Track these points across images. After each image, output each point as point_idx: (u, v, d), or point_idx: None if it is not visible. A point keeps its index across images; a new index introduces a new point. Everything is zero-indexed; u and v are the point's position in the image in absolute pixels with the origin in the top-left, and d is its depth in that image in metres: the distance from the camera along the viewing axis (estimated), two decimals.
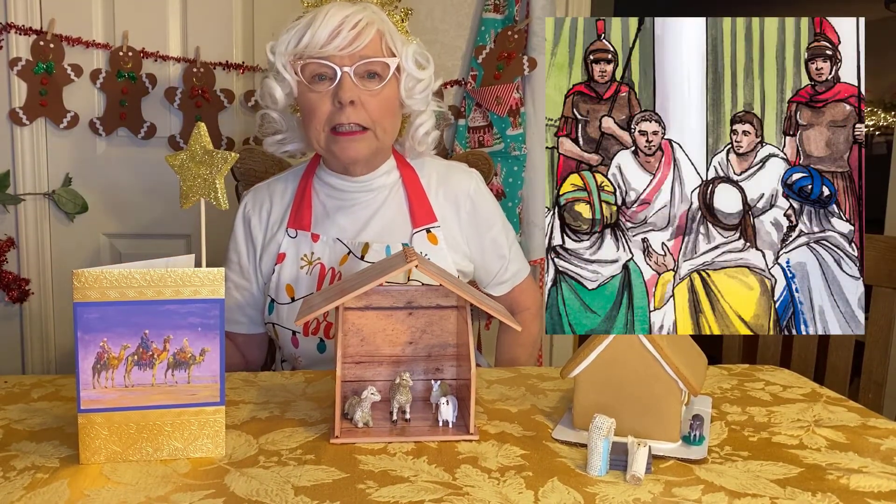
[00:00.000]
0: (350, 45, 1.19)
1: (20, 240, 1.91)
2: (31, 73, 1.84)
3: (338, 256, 1.28)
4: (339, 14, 1.20)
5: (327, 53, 1.20)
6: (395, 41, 1.25)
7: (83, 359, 0.79)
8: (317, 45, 1.20)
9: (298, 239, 1.30)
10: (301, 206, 1.32)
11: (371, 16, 1.22)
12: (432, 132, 1.35)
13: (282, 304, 1.28)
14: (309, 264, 1.28)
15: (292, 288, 1.28)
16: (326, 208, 1.33)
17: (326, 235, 1.30)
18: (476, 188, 1.37)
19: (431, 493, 0.74)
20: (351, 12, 1.20)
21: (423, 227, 1.30)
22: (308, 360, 1.29)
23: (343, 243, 1.29)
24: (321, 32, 1.19)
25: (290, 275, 1.29)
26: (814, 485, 0.78)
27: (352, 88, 1.20)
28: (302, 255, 1.29)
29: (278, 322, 1.29)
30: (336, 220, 1.31)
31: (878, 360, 1.39)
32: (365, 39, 1.20)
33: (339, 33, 1.19)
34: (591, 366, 0.90)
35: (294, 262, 1.29)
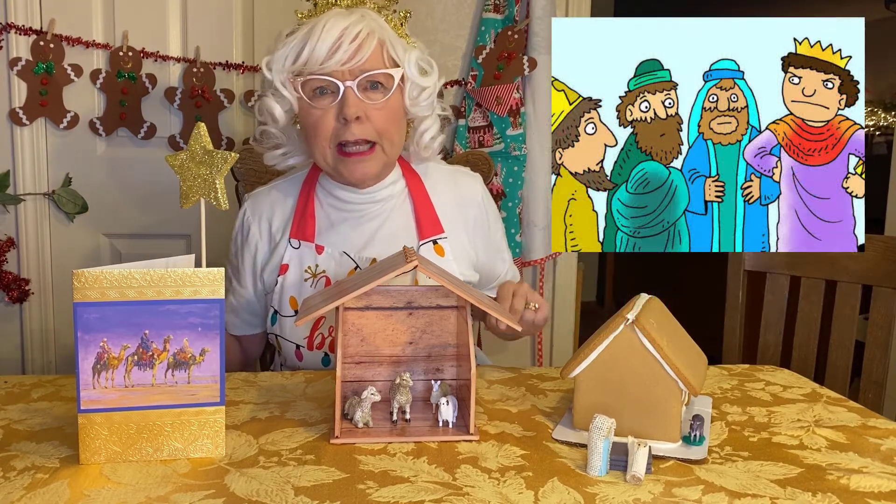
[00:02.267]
0: (352, 58, 1.16)
1: (20, 240, 1.91)
2: (31, 73, 1.84)
3: (345, 270, 1.26)
4: (337, 26, 1.15)
5: (329, 69, 1.16)
6: (397, 49, 1.21)
7: (83, 359, 0.79)
8: (317, 60, 1.16)
9: (301, 250, 1.27)
10: (304, 216, 1.28)
11: (371, 24, 1.18)
12: (438, 137, 1.32)
13: (285, 317, 1.26)
14: (314, 276, 1.26)
15: (296, 301, 1.26)
16: (331, 219, 1.30)
17: (332, 248, 1.27)
18: (484, 193, 1.38)
19: (431, 494, 0.74)
20: (349, 23, 1.16)
21: (429, 239, 1.28)
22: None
23: (350, 257, 1.26)
24: (321, 47, 1.15)
25: (294, 287, 1.26)
26: (814, 485, 0.78)
27: (356, 104, 1.17)
28: (306, 266, 1.26)
29: (282, 334, 1.27)
30: (341, 231, 1.28)
31: (878, 360, 1.39)
32: (367, 52, 1.16)
33: (339, 47, 1.15)
34: (591, 366, 0.90)
35: (298, 274, 1.26)
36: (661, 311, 0.96)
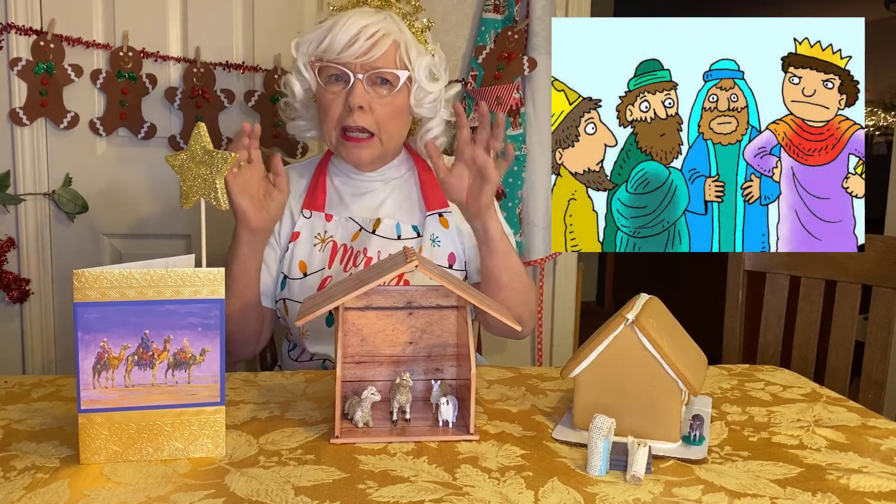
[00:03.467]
0: (365, 54, 1.25)
1: (20, 240, 1.91)
2: (32, 73, 1.84)
3: (350, 233, 1.34)
4: (358, 23, 1.25)
5: (343, 60, 1.26)
6: (410, 53, 1.30)
7: (83, 359, 0.79)
8: (335, 50, 1.25)
9: (312, 219, 1.36)
10: (316, 189, 1.38)
11: (389, 27, 1.28)
12: (441, 138, 1.41)
13: (294, 280, 1.33)
14: (322, 242, 1.34)
15: (305, 264, 1.33)
16: (340, 193, 1.39)
17: (339, 215, 1.36)
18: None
19: (431, 493, 0.74)
20: (370, 22, 1.26)
21: (435, 212, 1.36)
22: (315, 334, 1.32)
23: (355, 221, 1.35)
24: (339, 38, 1.25)
25: (304, 252, 1.34)
26: (814, 485, 0.78)
27: (362, 95, 1.26)
28: (315, 233, 1.35)
29: (290, 297, 1.33)
30: (349, 204, 1.38)
31: (878, 360, 1.39)
32: (380, 50, 1.26)
33: (355, 41, 1.24)
34: (591, 366, 0.90)
35: (308, 241, 1.34)
36: (661, 311, 0.96)
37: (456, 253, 1.36)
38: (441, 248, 1.34)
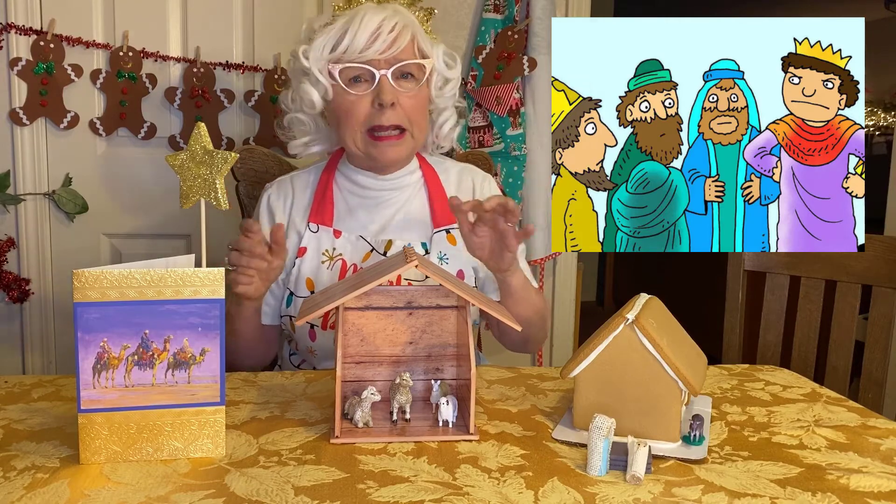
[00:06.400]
0: (389, 48, 1.23)
1: (20, 240, 1.91)
2: (32, 73, 1.84)
3: (360, 253, 1.30)
4: (375, 18, 1.23)
5: (367, 58, 1.23)
6: (426, 43, 1.29)
7: (83, 359, 0.79)
8: (356, 49, 1.23)
9: (320, 234, 1.32)
10: (323, 201, 1.34)
11: (405, 19, 1.26)
12: (456, 128, 1.40)
13: (300, 298, 1.30)
14: (330, 259, 1.30)
15: (312, 282, 1.30)
16: (349, 205, 1.35)
17: (349, 232, 1.32)
18: (492, 188, 1.43)
19: (431, 493, 0.74)
20: (386, 16, 1.24)
21: (443, 228, 1.33)
22: (323, 353, 1.30)
23: (366, 240, 1.31)
24: (360, 37, 1.22)
25: (311, 269, 1.30)
26: (814, 485, 0.78)
27: (391, 91, 1.24)
28: (323, 249, 1.31)
29: (296, 314, 1.29)
30: (358, 217, 1.34)
31: (878, 360, 1.39)
32: (402, 43, 1.24)
33: (377, 37, 1.22)
34: (591, 366, 0.90)
35: (315, 257, 1.31)
36: (661, 311, 0.96)
37: (464, 270, 1.33)
38: (449, 266, 1.31)
